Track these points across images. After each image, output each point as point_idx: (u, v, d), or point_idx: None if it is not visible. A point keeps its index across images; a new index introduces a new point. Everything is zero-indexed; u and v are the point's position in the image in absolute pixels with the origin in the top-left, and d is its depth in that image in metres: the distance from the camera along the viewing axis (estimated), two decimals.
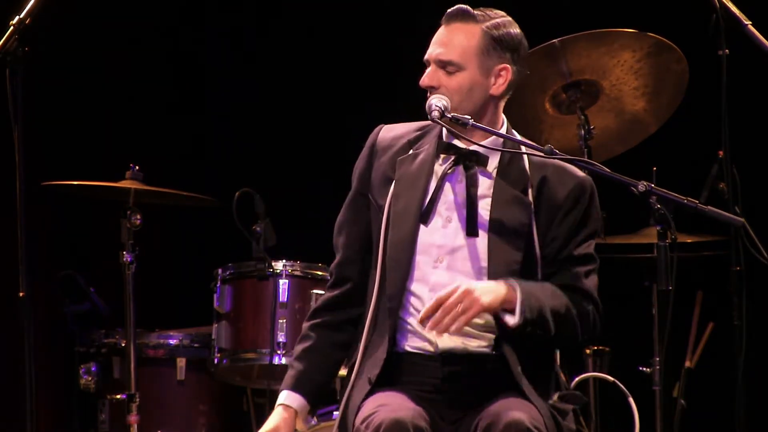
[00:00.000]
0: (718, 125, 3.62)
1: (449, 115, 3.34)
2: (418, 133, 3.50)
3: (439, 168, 3.42)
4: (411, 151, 3.46)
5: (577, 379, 4.50)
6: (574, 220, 3.39)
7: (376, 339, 3.38)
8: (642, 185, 3.16)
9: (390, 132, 3.53)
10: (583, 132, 4.61)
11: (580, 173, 3.40)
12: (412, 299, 3.37)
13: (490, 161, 3.40)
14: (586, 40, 4.50)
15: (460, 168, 3.41)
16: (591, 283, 3.39)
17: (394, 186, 3.42)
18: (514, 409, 3.19)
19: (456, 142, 3.43)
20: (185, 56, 6.13)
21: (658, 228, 3.19)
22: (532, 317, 3.23)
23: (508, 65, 3.43)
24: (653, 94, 4.65)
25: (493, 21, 3.43)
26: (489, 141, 3.41)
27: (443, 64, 3.39)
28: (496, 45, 3.43)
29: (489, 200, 3.38)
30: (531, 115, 4.73)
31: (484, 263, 3.34)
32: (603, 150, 4.73)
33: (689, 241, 4.79)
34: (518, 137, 3.40)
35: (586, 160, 3.35)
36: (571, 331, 3.33)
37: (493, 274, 3.31)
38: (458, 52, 3.39)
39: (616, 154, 4.80)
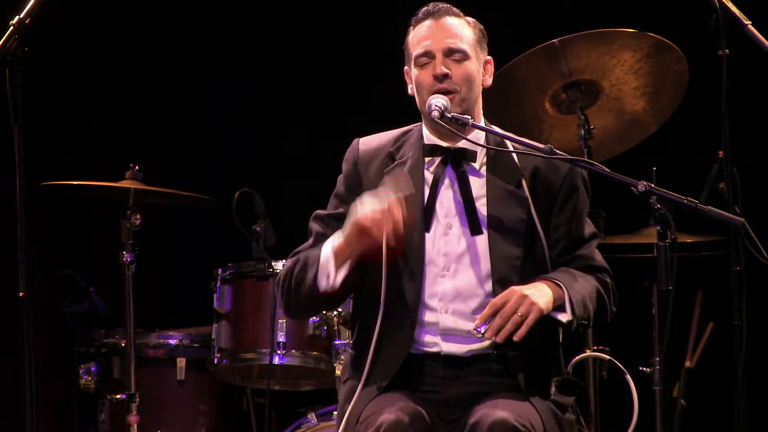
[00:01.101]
0: (718, 125, 3.62)
1: (449, 115, 3.34)
2: (397, 143, 3.50)
3: (429, 174, 3.43)
4: (396, 162, 3.45)
5: (575, 359, 4.49)
6: (575, 204, 3.41)
7: (386, 345, 3.36)
8: (642, 185, 3.16)
9: (368, 144, 3.52)
10: (583, 132, 4.61)
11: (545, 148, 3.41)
12: (421, 308, 3.36)
13: (477, 157, 3.41)
14: (586, 40, 4.50)
15: (450, 169, 3.41)
16: (600, 257, 3.45)
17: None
18: (500, 408, 3.20)
19: (440, 142, 3.43)
20: (185, 56, 6.13)
21: (658, 228, 3.19)
22: (580, 312, 3.27)
23: (491, 58, 3.47)
24: (653, 94, 4.65)
25: (470, 17, 3.46)
26: (473, 135, 3.41)
27: (451, 53, 3.39)
28: (482, 38, 3.47)
29: (484, 199, 3.38)
30: (531, 115, 4.73)
31: (488, 265, 3.34)
32: (603, 150, 4.73)
33: (689, 241, 4.79)
34: (502, 132, 3.43)
35: (586, 160, 3.35)
36: (604, 309, 3.39)
37: (496, 273, 3.32)
38: (464, 41, 3.41)
39: (616, 154, 4.80)
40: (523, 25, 5.43)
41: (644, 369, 4.73)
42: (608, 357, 4.55)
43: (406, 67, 3.50)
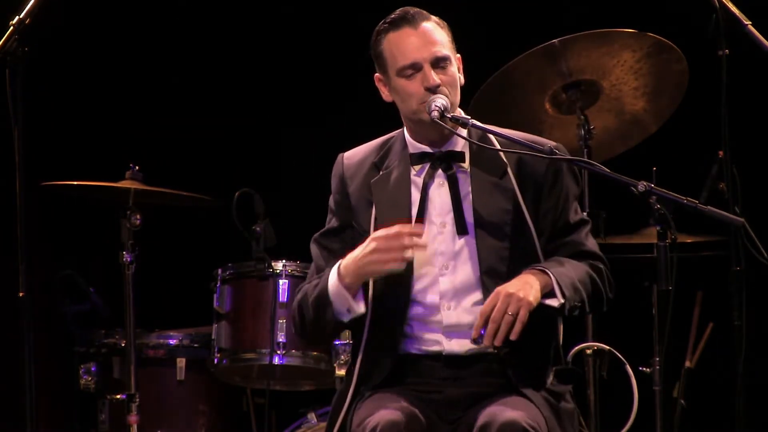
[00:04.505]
0: (718, 125, 3.62)
1: (449, 116, 3.34)
2: (381, 153, 3.52)
3: (416, 179, 3.44)
4: (381, 172, 3.47)
5: (574, 349, 4.50)
6: (561, 189, 3.41)
7: (376, 349, 3.39)
8: (642, 185, 3.16)
9: (353, 158, 3.55)
10: (583, 132, 4.61)
11: (550, 142, 3.39)
12: (418, 308, 3.39)
13: (465, 157, 3.43)
14: (586, 40, 4.50)
15: (440, 171, 3.42)
16: (592, 243, 3.44)
17: (376, 210, 3.44)
18: (509, 409, 3.20)
19: (425, 148, 3.45)
20: (184, 56, 6.13)
21: (658, 228, 3.19)
22: (570, 294, 3.26)
23: (459, 55, 3.48)
24: (653, 94, 4.65)
25: (436, 16, 3.47)
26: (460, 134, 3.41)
27: (438, 61, 3.40)
28: (451, 35, 3.48)
29: (471, 195, 3.40)
30: (531, 115, 4.73)
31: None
32: (603, 150, 4.73)
33: (689, 241, 4.79)
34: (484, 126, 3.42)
35: (586, 160, 3.35)
36: (599, 294, 3.37)
37: (484, 264, 3.34)
38: (446, 47, 3.43)
39: (616, 154, 4.80)
40: (523, 25, 5.43)
41: (644, 369, 4.73)
42: (607, 348, 4.56)
43: (377, 74, 3.50)
